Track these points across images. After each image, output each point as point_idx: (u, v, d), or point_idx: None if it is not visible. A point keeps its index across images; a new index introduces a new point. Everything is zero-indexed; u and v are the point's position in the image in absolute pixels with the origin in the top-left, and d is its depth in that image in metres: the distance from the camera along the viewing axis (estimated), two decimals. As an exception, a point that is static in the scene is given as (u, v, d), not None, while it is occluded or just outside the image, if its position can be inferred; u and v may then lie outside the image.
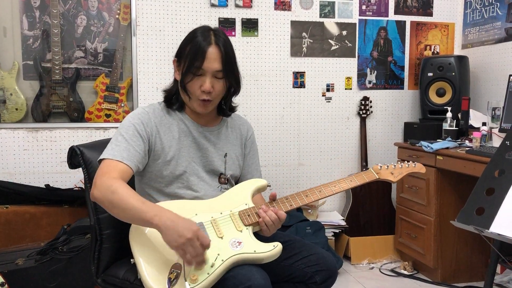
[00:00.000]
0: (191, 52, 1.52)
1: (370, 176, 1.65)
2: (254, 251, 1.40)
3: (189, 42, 1.55)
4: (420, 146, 2.85)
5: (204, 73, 1.52)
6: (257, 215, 1.48)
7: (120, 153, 1.46)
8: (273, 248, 1.42)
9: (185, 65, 1.53)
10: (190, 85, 1.54)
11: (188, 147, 1.60)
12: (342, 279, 2.90)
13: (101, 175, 1.41)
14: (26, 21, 2.94)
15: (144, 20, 3.09)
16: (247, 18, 3.22)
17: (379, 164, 1.68)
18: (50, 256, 2.37)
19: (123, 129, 1.52)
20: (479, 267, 2.89)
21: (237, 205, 1.53)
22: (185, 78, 1.54)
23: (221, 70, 1.52)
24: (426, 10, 3.53)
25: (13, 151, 2.95)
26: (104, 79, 3.04)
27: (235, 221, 1.48)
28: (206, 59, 1.50)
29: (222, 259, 1.36)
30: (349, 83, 3.44)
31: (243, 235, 1.44)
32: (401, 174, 1.68)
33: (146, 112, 1.58)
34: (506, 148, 1.64)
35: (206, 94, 1.53)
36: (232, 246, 1.40)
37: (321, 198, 1.59)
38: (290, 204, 1.54)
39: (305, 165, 3.43)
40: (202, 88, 1.52)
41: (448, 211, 2.80)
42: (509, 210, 1.48)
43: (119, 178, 1.40)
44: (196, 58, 1.50)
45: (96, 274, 1.66)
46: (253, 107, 3.28)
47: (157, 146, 1.55)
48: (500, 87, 3.10)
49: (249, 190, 1.58)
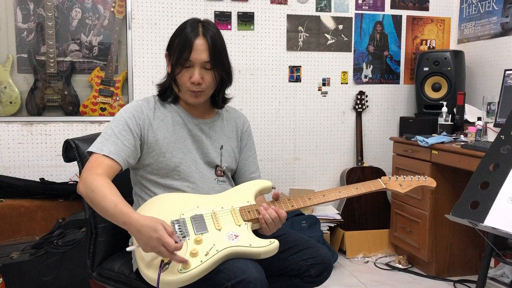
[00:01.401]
0: (179, 44, 1.53)
1: (377, 185, 1.62)
2: (249, 245, 1.40)
3: (178, 35, 1.56)
4: (415, 141, 2.86)
5: (193, 64, 1.52)
6: (258, 212, 1.48)
7: (108, 147, 1.47)
8: (269, 244, 1.42)
9: (174, 57, 1.54)
10: (180, 77, 1.55)
11: (183, 139, 1.60)
12: (337, 272, 2.91)
13: (87, 170, 1.44)
14: (20, 14, 2.91)
15: (139, 13, 3.07)
16: (243, 11, 3.21)
17: (388, 175, 1.65)
18: (45, 250, 2.36)
19: (114, 123, 1.53)
20: (473, 261, 2.91)
21: (239, 202, 1.53)
22: (174, 70, 1.55)
23: (209, 61, 1.53)
24: (422, 4, 3.53)
25: (8, 145, 2.93)
26: (99, 73, 3.02)
27: (235, 216, 1.48)
28: (193, 51, 1.51)
29: (217, 249, 1.37)
30: (345, 78, 3.44)
31: (241, 229, 1.45)
32: (410, 186, 1.63)
33: (139, 105, 1.58)
34: (500, 142, 1.65)
35: (196, 85, 1.54)
36: (228, 238, 1.41)
37: (324, 202, 1.58)
38: (292, 205, 1.54)
39: (301, 159, 3.43)
40: (191, 79, 1.53)
41: (443, 205, 2.81)
42: (503, 204, 1.48)
43: (103, 174, 1.42)
44: (184, 49, 1.51)
45: (92, 268, 1.66)
46: (248, 101, 3.28)
47: (150, 139, 1.55)
48: (496, 82, 3.11)
49: (253, 190, 1.59)
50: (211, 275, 1.35)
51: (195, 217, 1.45)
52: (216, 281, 1.34)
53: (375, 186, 1.61)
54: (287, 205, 1.54)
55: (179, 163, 1.57)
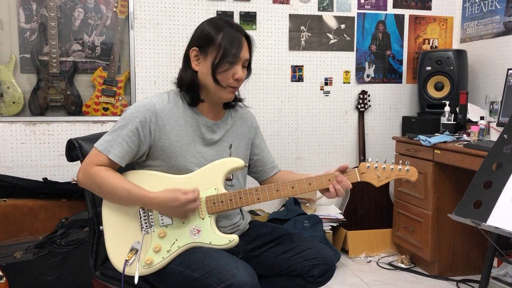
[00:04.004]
0: (226, 41, 1.50)
1: (352, 178, 1.53)
2: (209, 242, 1.48)
3: (218, 31, 1.51)
4: (418, 140, 2.86)
5: (238, 61, 1.52)
6: (223, 204, 1.49)
7: (114, 149, 1.47)
8: (228, 242, 1.48)
9: (219, 54, 1.49)
10: (224, 74, 1.51)
11: (195, 142, 1.56)
12: (340, 272, 2.91)
13: (88, 164, 1.49)
14: (23, 14, 2.92)
15: (141, 13, 3.07)
16: (246, 11, 3.21)
17: (369, 160, 1.54)
18: (48, 249, 2.37)
19: (125, 120, 1.50)
20: (476, 261, 2.91)
21: (206, 187, 1.51)
22: (219, 67, 1.50)
23: (248, 59, 1.57)
24: (425, 4, 3.52)
25: (11, 145, 2.94)
26: (102, 73, 3.03)
27: (200, 207, 1.50)
28: (242, 48, 1.52)
29: (178, 246, 1.47)
30: (347, 77, 3.44)
31: (204, 224, 1.49)
32: (388, 179, 1.52)
33: (153, 104, 1.52)
34: (503, 141, 1.65)
35: (238, 82, 1.54)
36: (191, 233, 1.48)
37: (292, 195, 1.55)
38: (258, 198, 1.52)
39: (303, 158, 3.43)
40: (235, 76, 1.52)
41: (446, 205, 2.81)
42: (506, 203, 1.48)
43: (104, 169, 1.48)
44: (233, 46, 1.50)
45: (94, 267, 1.66)
46: (251, 100, 3.28)
47: (162, 142, 1.52)
48: (498, 81, 3.10)
49: (223, 171, 1.53)
50: (201, 278, 1.37)
51: None
52: (206, 284, 1.35)
53: (350, 178, 1.51)
54: (254, 198, 1.51)
55: (191, 167, 1.55)
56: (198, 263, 1.41)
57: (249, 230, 1.71)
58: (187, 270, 1.42)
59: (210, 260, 1.40)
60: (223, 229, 1.56)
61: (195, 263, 1.41)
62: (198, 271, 1.39)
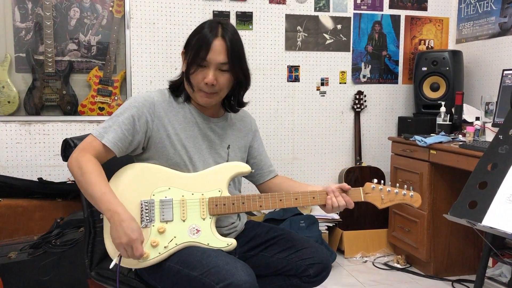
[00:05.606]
0: (196, 43, 1.51)
1: (357, 196, 1.57)
2: (207, 243, 1.48)
3: (196, 34, 1.53)
4: (414, 140, 2.86)
5: (208, 65, 1.50)
6: (226, 207, 1.50)
7: (108, 135, 1.48)
8: (226, 246, 1.48)
9: (190, 56, 1.51)
10: (194, 77, 1.53)
11: (194, 137, 1.59)
12: (336, 272, 2.91)
13: (80, 150, 1.48)
14: (18, 13, 2.91)
15: (137, 13, 3.06)
16: (242, 11, 3.21)
17: (374, 182, 1.58)
18: (43, 249, 2.35)
19: (122, 109, 1.52)
20: (471, 261, 2.92)
21: (210, 188, 1.53)
22: (189, 69, 1.53)
23: (226, 63, 1.51)
24: (421, 4, 3.53)
25: (5, 144, 2.93)
26: (98, 72, 3.02)
27: (202, 207, 1.50)
28: (210, 51, 1.49)
29: (176, 243, 1.46)
30: (343, 77, 3.45)
31: (204, 224, 1.49)
32: (391, 202, 1.58)
33: (152, 97, 1.56)
34: (499, 142, 1.65)
35: (209, 86, 1.52)
36: (190, 232, 1.48)
37: (295, 206, 1.58)
38: (260, 205, 1.54)
39: (299, 159, 3.43)
40: (205, 80, 1.51)
41: (441, 205, 2.82)
42: (501, 204, 1.49)
43: (94, 157, 1.46)
44: (200, 49, 1.49)
45: (90, 267, 1.66)
46: (247, 100, 3.27)
47: (160, 133, 1.53)
48: (494, 82, 3.12)
49: (229, 174, 1.56)
50: (200, 277, 1.37)
51: (163, 202, 1.48)
52: (205, 283, 1.35)
53: (354, 197, 1.56)
54: (256, 205, 1.53)
55: (188, 161, 1.55)
56: (196, 262, 1.40)
57: (245, 230, 1.71)
58: (185, 268, 1.41)
59: (209, 259, 1.40)
60: (220, 229, 1.56)
61: (194, 262, 1.41)
62: (196, 270, 1.38)
